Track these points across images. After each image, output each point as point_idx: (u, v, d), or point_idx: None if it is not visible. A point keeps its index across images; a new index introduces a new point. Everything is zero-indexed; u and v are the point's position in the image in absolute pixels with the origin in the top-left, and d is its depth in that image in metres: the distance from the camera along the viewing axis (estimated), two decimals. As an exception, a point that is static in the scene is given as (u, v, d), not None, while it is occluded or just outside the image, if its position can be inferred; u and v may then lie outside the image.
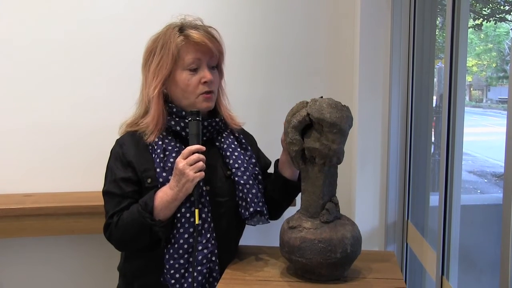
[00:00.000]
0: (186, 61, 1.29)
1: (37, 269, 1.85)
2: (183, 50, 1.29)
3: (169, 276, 1.25)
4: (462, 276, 1.38)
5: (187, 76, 1.30)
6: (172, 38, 1.29)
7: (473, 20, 2.12)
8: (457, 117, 1.28)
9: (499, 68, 2.75)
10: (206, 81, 1.29)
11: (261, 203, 1.31)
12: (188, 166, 1.19)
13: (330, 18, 1.87)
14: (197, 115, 1.26)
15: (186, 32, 1.29)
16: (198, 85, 1.30)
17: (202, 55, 1.30)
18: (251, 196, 1.29)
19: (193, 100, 1.31)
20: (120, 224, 1.25)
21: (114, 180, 1.30)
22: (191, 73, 1.30)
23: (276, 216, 1.47)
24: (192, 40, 1.28)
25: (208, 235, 1.28)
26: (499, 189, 2.89)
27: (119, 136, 1.38)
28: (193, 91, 1.30)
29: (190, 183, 1.20)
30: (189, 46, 1.29)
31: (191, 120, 1.25)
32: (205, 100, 1.31)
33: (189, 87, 1.30)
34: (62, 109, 1.79)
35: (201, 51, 1.29)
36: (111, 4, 1.79)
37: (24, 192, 1.79)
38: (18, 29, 1.75)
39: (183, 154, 1.21)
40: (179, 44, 1.28)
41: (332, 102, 1.17)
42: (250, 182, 1.31)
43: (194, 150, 1.22)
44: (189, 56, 1.29)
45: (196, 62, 1.30)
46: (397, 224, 1.80)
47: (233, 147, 1.37)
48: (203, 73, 1.30)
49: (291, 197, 1.44)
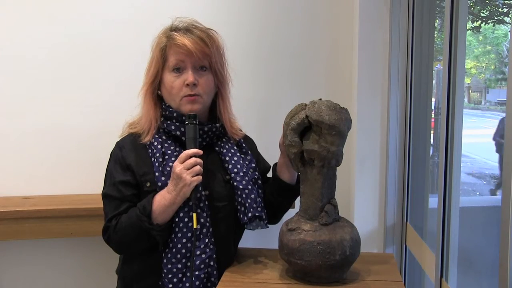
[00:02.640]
0: (170, 63, 1.30)
1: (36, 271, 1.85)
2: (167, 52, 1.31)
3: (167, 280, 1.25)
4: (461, 278, 1.38)
5: (171, 78, 1.30)
6: (159, 40, 1.32)
7: (471, 22, 2.12)
8: (456, 119, 1.28)
9: (498, 70, 2.75)
10: (188, 83, 1.29)
11: (260, 208, 1.31)
12: (185, 170, 1.19)
13: (329, 20, 1.87)
14: (194, 118, 1.26)
15: (170, 33, 1.31)
16: (182, 87, 1.30)
17: (185, 57, 1.29)
18: (250, 201, 1.29)
19: (178, 102, 1.31)
20: (118, 228, 1.25)
21: (113, 183, 1.30)
22: (176, 75, 1.30)
23: (275, 220, 1.47)
24: (174, 42, 1.29)
25: (207, 239, 1.27)
26: (498, 191, 2.88)
27: (120, 138, 1.38)
28: (177, 93, 1.30)
29: (188, 187, 1.20)
30: (172, 48, 1.30)
31: (188, 123, 1.26)
32: (188, 102, 1.30)
33: (173, 89, 1.30)
34: (61, 112, 1.79)
35: (183, 53, 1.29)
36: (116, 8, 1.79)
37: (23, 194, 1.79)
38: (19, 32, 1.75)
39: (180, 158, 1.21)
40: (163, 45, 1.30)
41: (331, 104, 1.17)
42: (249, 187, 1.31)
43: (191, 154, 1.22)
44: (172, 57, 1.30)
45: (179, 63, 1.30)
46: (396, 226, 1.80)
47: (233, 151, 1.37)
48: (186, 75, 1.30)
49: (289, 200, 1.44)
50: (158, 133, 1.33)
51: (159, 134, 1.33)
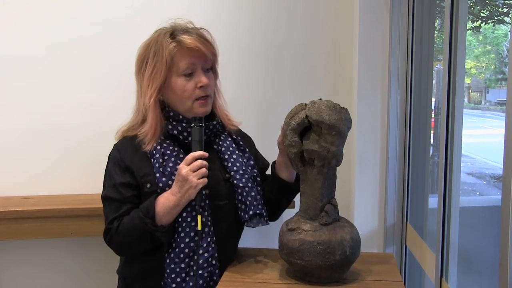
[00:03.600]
0: (180, 67, 1.28)
1: (36, 271, 1.85)
2: (176, 56, 1.27)
3: (170, 280, 1.25)
4: (461, 278, 1.38)
5: (182, 82, 1.28)
6: (165, 45, 1.27)
7: (471, 22, 2.12)
8: (456, 119, 1.28)
9: (498, 70, 2.75)
10: (203, 85, 1.28)
11: (260, 206, 1.31)
12: (191, 173, 1.19)
13: (328, 20, 1.87)
14: (200, 121, 1.25)
15: (178, 37, 1.28)
16: (194, 90, 1.29)
17: (196, 59, 1.28)
18: (250, 199, 1.29)
19: (190, 106, 1.30)
20: (120, 230, 1.25)
21: (113, 185, 1.29)
22: (187, 78, 1.28)
23: (275, 217, 1.47)
24: (185, 46, 1.26)
25: (209, 238, 1.28)
26: (498, 190, 2.89)
27: (116, 141, 1.37)
28: (190, 97, 1.29)
29: (194, 189, 1.20)
30: (183, 52, 1.27)
31: (194, 126, 1.25)
32: (201, 105, 1.30)
33: (185, 92, 1.28)
34: (61, 112, 1.79)
35: (194, 56, 1.28)
36: (116, 8, 1.79)
37: (23, 194, 1.79)
38: (20, 32, 1.75)
39: (186, 160, 1.21)
40: (172, 50, 1.26)
41: (331, 104, 1.17)
42: (249, 185, 1.31)
43: (197, 157, 1.21)
44: (183, 62, 1.28)
45: (191, 67, 1.28)
46: (396, 226, 1.80)
47: (231, 149, 1.37)
48: (199, 78, 1.29)
49: (289, 198, 1.44)
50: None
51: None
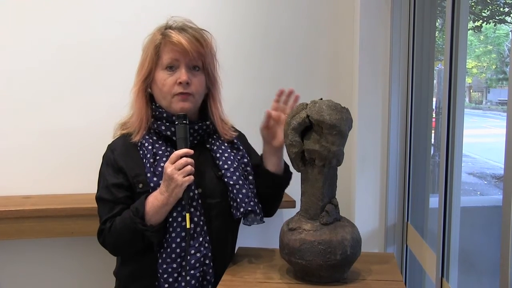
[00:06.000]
0: (164, 61, 1.29)
1: (36, 271, 1.85)
2: (161, 49, 1.29)
3: (162, 280, 1.25)
4: (462, 278, 1.38)
5: (164, 75, 1.29)
6: (154, 38, 1.30)
7: (472, 22, 2.12)
8: (457, 118, 1.28)
9: (499, 69, 2.76)
10: (181, 81, 1.28)
11: (252, 203, 1.30)
12: (176, 171, 1.19)
13: (329, 20, 1.87)
14: (184, 118, 1.25)
15: (165, 31, 1.30)
16: (174, 85, 1.29)
17: (180, 55, 1.28)
18: (241, 196, 1.29)
19: (169, 100, 1.30)
20: (113, 230, 1.26)
21: (106, 186, 1.30)
22: (169, 72, 1.29)
23: (271, 212, 1.46)
24: (169, 40, 1.28)
25: (201, 238, 1.27)
26: (499, 190, 2.89)
27: (112, 140, 1.37)
28: (169, 91, 1.29)
29: (179, 187, 1.20)
30: (167, 46, 1.28)
31: (178, 123, 1.25)
32: (180, 100, 1.29)
33: (165, 87, 1.29)
34: (61, 111, 1.79)
35: (178, 51, 1.28)
36: (117, 8, 1.79)
37: (24, 194, 1.79)
38: (21, 33, 1.76)
39: (171, 159, 1.21)
40: (158, 43, 1.29)
41: (331, 103, 1.17)
42: (240, 182, 1.30)
43: (181, 154, 1.20)
44: (166, 55, 1.29)
45: (173, 62, 1.29)
46: (396, 225, 1.80)
47: (224, 148, 1.36)
48: (179, 73, 1.29)
49: (278, 191, 1.43)
50: (148, 134, 1.32)
51: (150, 134, 1.32)
